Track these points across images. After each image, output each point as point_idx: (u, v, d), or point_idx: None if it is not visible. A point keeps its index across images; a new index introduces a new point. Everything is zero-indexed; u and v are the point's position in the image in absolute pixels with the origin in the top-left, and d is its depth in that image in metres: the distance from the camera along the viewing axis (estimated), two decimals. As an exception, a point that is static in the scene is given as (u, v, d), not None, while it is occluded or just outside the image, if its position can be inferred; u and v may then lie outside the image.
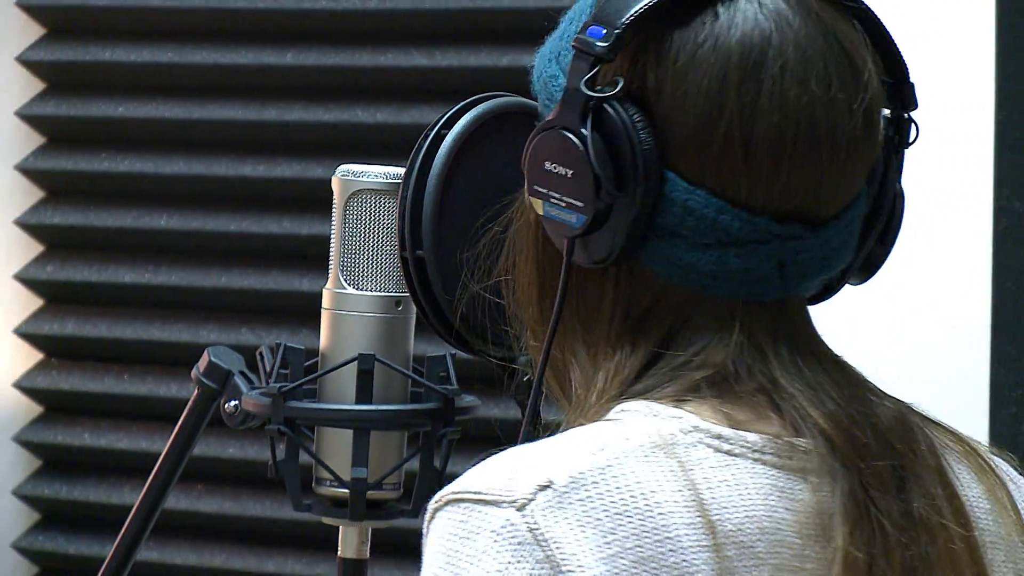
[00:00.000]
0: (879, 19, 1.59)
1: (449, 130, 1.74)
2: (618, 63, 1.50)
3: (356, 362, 1.87)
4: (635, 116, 1.52)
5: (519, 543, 1.46)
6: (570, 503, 1.48)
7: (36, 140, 3.32)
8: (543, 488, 1.46)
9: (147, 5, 3.27)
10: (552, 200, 1.56)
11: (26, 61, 3.29)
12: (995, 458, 1.60)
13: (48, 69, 3.30)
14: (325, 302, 1.92)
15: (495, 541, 1.46)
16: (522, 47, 3.05)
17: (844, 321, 2.15)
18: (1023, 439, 2.85)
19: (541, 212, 1.55)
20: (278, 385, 1.87)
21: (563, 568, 1.44)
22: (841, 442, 1.56)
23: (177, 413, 1.87)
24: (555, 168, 1.57)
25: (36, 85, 3.31)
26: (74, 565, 3.28)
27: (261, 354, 1.92)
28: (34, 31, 3.34)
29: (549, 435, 1.49)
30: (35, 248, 3.30)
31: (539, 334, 1.61)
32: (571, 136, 1.53)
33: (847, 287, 1.67)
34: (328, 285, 1.92)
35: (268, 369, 1.90)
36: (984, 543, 1.57)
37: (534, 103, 1.72)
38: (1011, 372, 2.99)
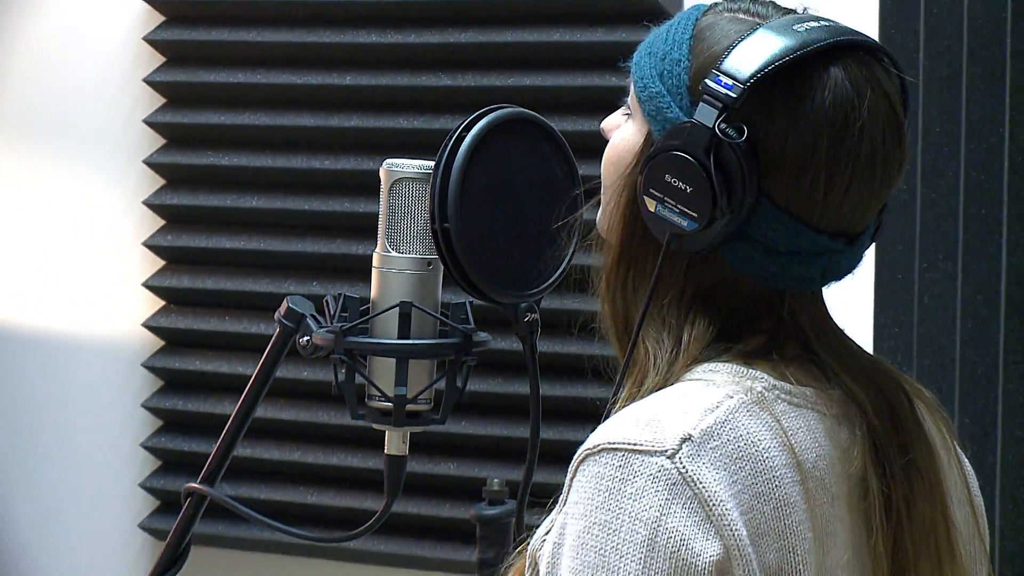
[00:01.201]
0: (905, 77, 1.77)
1: (468, 133, 2.01)
2: (742, 103, 1.66)
3: (398, 307, 2.07)
4: (746, 157, 1.67)
5: (673, 483, 1.62)
6: (705, 452, 1.64)
7: (159, 141, 3.46)
8: (685, 440, 1.63)
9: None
10: (667, 204, 1.69)
11: (152, 82, 3.46)
12: (933, 397, 1.84)
13: (167, 88, 3.47)
14: (375, 262, 2.11)
15: (653, 482, 1.62)
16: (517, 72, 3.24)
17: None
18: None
19: (652, 210, 1.69)
20: (339, 325, 2.06)
21: (708, 502, 1.63)
22: (859, 394, 1.77)
23: (265, 345, 2.09)
24: (675, 182, 1.68)
25: (158, 99, 3.47)
26: (187, 460, 3.43)
27: (327, 301, 2.09)
28: (156, 59, 3.47)
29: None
30: (158, 222, 3.48)
31: (609, 290, 1.79)
32: (696, 162, 1.67)
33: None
34: (377, 250, 2.10)
35: (332, 313, 2.08)
36: (941, 467, 1.80)
37: (533, 113, 2.05)
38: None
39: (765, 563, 1.65)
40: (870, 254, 2.67)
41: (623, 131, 1.79)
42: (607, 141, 1.81)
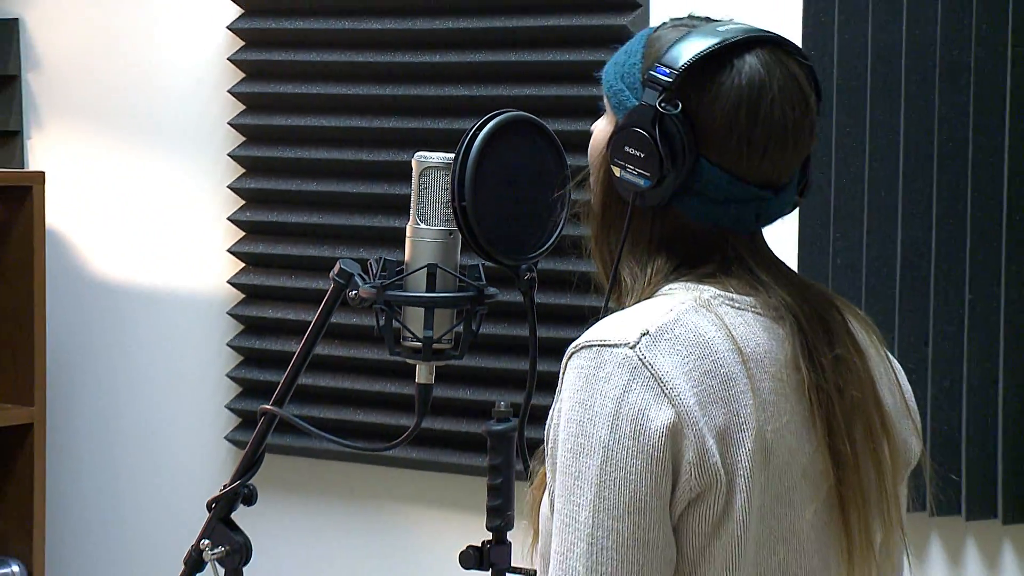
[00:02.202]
0: (813, 65, 1.78)
1: (480, 131, 2.03)
2: (675, 87, 1.69)
3: (426, 268, 2.09)
4: (682, 126, 1.70)
5: (633, 367, 1.65)
6: (660, 342, 1.66)
7: (239, 139, 3.43)
8: (644, 334, 1.66)
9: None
10: (628, 169, 1.71)
11: (234, 93, 3.41)
12: (864, 314, 1.85)
13: (246, 97, 3.43)
14: (407, 233, 2.12)
15: (619, 367, 1.65)
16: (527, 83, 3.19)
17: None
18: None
19: (618, 175, 1.72)
20: (380, 282, 2.09)
21: (661, 380, 1.64)
22: (800, 314, 1.75)
23: (323, 298, 2.11)
24: (632, 151, 1.71)
25: (239, 106, 3.43)
26: (262, 387, 3.37)
27: (370, 263, 2.12)
28: (237, 75, 3.43)
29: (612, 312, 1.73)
30: (239, 202, 3.44)
31: (597, 246, 1.82)
32: (645, 133, 1.70)
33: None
34: (409, 223, 2.12)
35: (374, 272, 2.11)
36: (870, 366, 1.79)
37: (531, 115, 2.07)
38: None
39: (713, 424, 1.66)
40: (794, 229, 2.78)
41: (598, 124, 1.81)
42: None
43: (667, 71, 1.72)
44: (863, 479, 1.75)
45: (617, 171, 1.74)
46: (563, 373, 1.70)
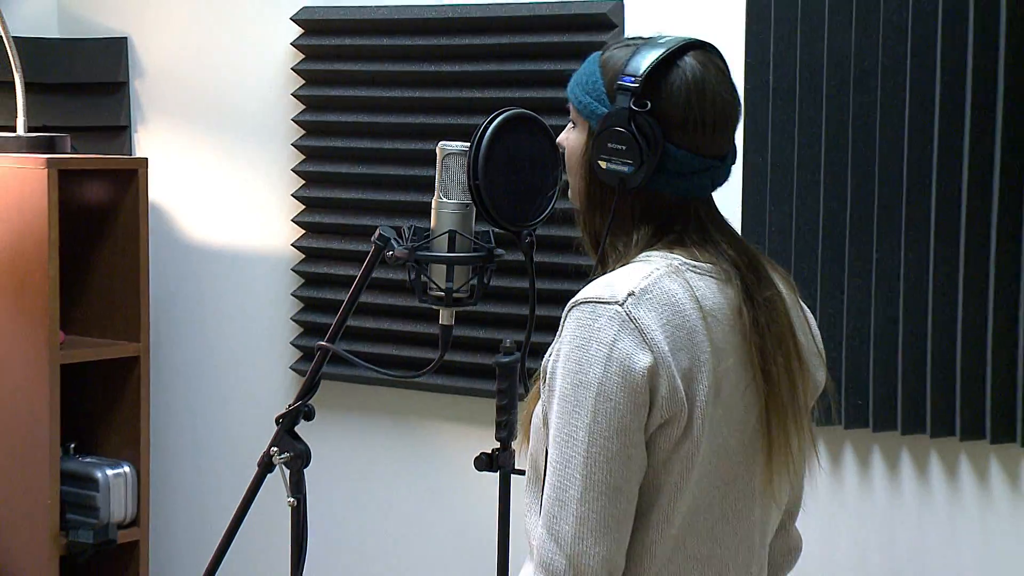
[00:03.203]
0: (727, 62, 1.77)
1: (490, 125, 2.02)
2: (641, 91, 1.68)
3: (447, 233, 2.10)
4: (651, 120, 1.69)
5: (622, 321, 1.64)
6: (642, 302, 1.65)
7: (300, 132, 3.35)
8: (630, 295, 1.65)
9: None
10: (613, 160, 1.70)
11: (297, 95, 3.35)
12: (783, 269, 1.85)
13: (306, 99, 3.35)
14: (433, 206, 2.13)
15: (610, 320, 1.64)
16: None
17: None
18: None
19: (604, 167, 1.70)
20: (412, 244, 2.10)
21: (643, 331, 1.64)
22: (741, 265, 1.75)
23: (366, 257, 2.12)
24: (614, 146, 1.70)
25: (300, 106, 3.37)
26: (319, 327, 3.30)
27: (403, 230, 2.13)
28: (298, 81, 3.36)
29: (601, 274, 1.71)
30: (300, 182, 3.37)
31: (586, 225, 1.80)
32: (624, 130, 1.69)
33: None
34: (434, 198, 2.12)
35: (407, 237, 2.12)
36: (788, 309, 1.80)
37: (531, 112, 2.05)
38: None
39: (680, 367, 1.66)
40: (738, 203, 2.75)
41: (572, 136, 1.80)
42: (564, 150, 1.83)
43: (632, 79, 1.70)
44: (783, 395, 1.74)
45: (603, 164, 1.71)
46: (564, 322, 1.68)
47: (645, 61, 1.70)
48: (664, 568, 1.71)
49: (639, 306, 1.65)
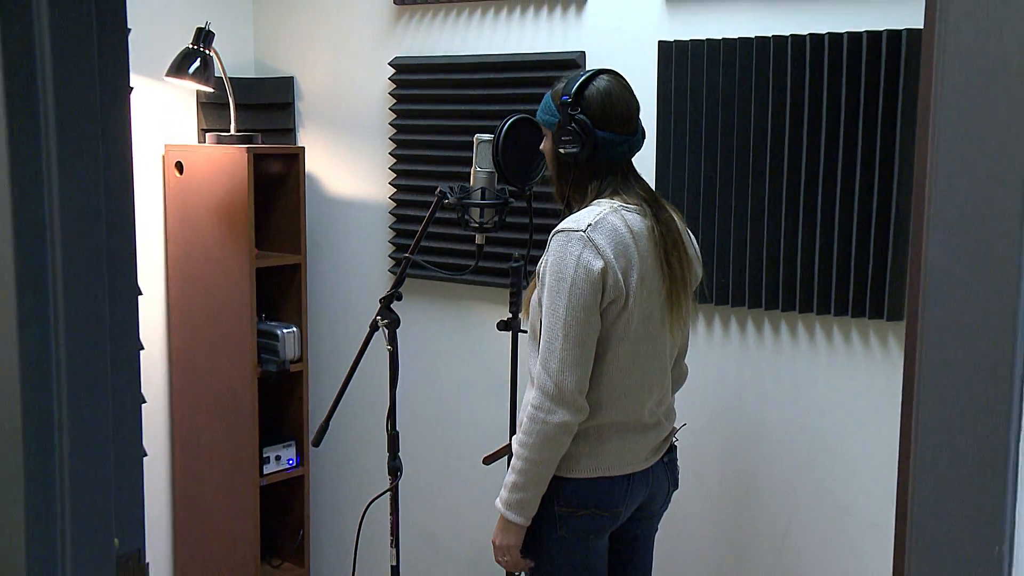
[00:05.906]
0: (628, 81, 1.68)
1: (505, 124, 1.96)
2: (573, 103, 1.64)
3: (481, 189, 2.05)
4: (584, 118, 1.63)
5: (585, 242, 1.58)
6: (596, 230, 1.59)
7: (392, 131, 3.11)
8: (588, 226, 1.60)
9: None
10: (567, 146, 1.65)
11: (392, 109, 3.08)
12: (675, 207, 1.76)
13: (396, 112, 3.08)
14: (471, 172, 2.09)
15: (578, 241, 1.58)
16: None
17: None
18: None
19: (563, 152, 1.65)
20: (459, 195, 2.06)
21: (598, 248, 1.56)
22: (651, 202, 1.68)
23: (431, 205, 2.09)
24: (566, 138, 1.65)
25: (391, 115, 3.10)
26: (403, 248, 3.10)
27: (454, 187, 2.08)
28: (391, 100, 3.09)
29: (569, 214, 1.63)
30: (392, 160, 3.12)
31: (557, 186, 1.72)
32: (569, 127, 1.64)
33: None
34: (472, 168, 2.09)
35: (456, 191, 2.07)
36: (680, 228, 1.71)
37: (530, 116, 1.96)
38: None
39: (621, 267, 1.59)
40: (652, 164, 2.40)
41: (546, 141, 1.74)
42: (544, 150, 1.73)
43: (568, 96, 1.65)
44: (678, 278, 1.67)
45: (562, 151, 1.65)
46: (549, 242, 1.63)
47: (573, 85, 1.64)
48: (616, 388, 1.65)
49: (594, 232, 1.59)
